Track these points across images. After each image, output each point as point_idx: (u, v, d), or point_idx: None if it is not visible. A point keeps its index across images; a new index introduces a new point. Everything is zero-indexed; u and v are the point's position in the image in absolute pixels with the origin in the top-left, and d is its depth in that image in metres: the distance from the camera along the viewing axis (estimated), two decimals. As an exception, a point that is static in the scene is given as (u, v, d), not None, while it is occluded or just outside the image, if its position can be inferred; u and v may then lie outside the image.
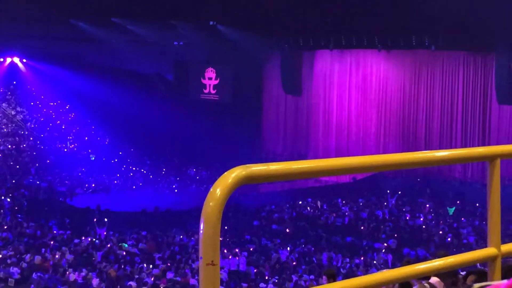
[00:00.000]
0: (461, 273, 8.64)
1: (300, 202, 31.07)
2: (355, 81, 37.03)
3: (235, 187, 2.03)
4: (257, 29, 36.34)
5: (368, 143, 36.53)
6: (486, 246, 2.87)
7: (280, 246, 24.71)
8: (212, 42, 39.03)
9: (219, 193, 2.00)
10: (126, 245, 23.89)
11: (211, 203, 1.99)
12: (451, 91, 33.78)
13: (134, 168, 38.36)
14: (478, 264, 6.72)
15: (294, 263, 22.74)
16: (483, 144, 31.75)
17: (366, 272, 20.71)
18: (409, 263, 9.14)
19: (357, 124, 37.08)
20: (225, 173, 2.06)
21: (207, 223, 2.00)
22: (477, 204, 28.39)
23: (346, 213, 29.25)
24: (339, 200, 31.20)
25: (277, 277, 21.10)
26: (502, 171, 2.88)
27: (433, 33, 32.16)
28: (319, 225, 27.84)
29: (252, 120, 40.16)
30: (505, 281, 1.76)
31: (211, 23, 38.01)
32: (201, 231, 1.99)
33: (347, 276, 19.42)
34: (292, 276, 21.01)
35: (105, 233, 25.40)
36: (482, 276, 5.35)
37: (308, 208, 30.34)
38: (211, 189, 2.01)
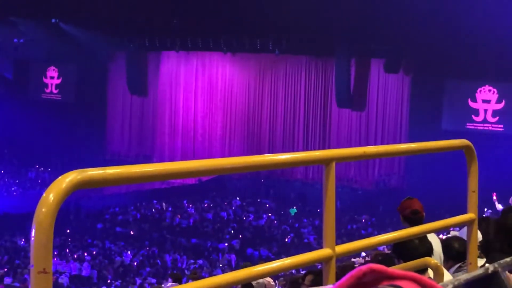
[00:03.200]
0: (301, 272, 8.88)
1: (145, 204, 30.84)
2: (201, 83, 37.23)
3: (70, 192, 1.97)
4: (102, 28, 35.66)
5: (214, 145, 36.83)
6: (324, 246, 2.94)
7: (124, 249, 24.40)
8: (54, 40, 37.85)
9: (52, 199, 1.93)
10: (-40, 251, 22.76)
11: (43, 209, 1.92)
12: (294, 94, 34.72)
13: (-31, 170, 36.63)
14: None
15: (138, 265, 22.53)
16: (324, 147, 32.82)
17: (211, 273, 20.85)
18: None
19: (203, 126, 37.29)
20: (59, 177, 1.99)
21: (38, 230, 1.92)
22: (318, 205, 29.29)
23: (191, 215, 29.34)
24: (185, 202, 31.25)
25: (120, 281, 20.82)
26: (341, 173, 2.97)
27: (277, 37, 32.93)
28: (164, 227, 27.74)
29: (96, 120, 39.33)
30: (330, 286, 1.82)
31: (53, 20, 36.86)
32: (32, 238, 1.92)
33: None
34: (136, 279, 20.80)
35: None
36: (319, 275, 5.51)
37: (153, 210, 30.17)
38: (44, 194, 1.94)
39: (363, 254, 12.41)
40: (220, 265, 22.57)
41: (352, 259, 10.09)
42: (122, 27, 35.00)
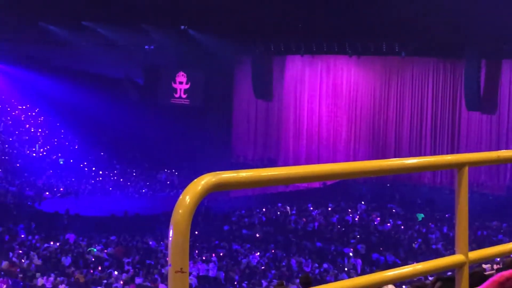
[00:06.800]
0: (429, 278, 8.69)
1: (270, 207, 31.09)
2: (326, 87, 37.16)
3: (205, 194, 2.03)
4: (228, 34, 36.33)
5: (338, 148, 36.66)
6: (454, 252, 2.88)
7: (250, 251, 24.69)
8: (183, 47, 38.94)
9: (188, 201, 1.99)
10: (95, 250, 23.72)
11: (180, 211, 1.99)
12: (421, 97, 34.04)
13: (103, 172, 38.11)
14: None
15: (263, 268, 22.74)
16: (452, 151, 32.03)
17: (336, 277, 20.78)
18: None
19: (327, 130, 37.19)
20: (195, 180, 2.05)
21: (176, 231, 1.99)
22: (446, 210, 28.62)
23: (316, 218, 29.32)
24: (309, 205, 31.27)
25: (246, 282, 21.09)
26: (470, 177, 2.89)
27: (403, 39, 32.43)
28: (289, 230, 27.87)
29: (223, 124, 40.12)
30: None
31: (182, 27, 37.94)
32: (170, 239, 1.99)
33: (315, 281, 19.46)
34: (262, 281, 21.01)
35: (74, 238, 25.20)
36: (449, 282, 5.38)
37: (278, 213, 30.37)
38: (181, 197, 2.01)
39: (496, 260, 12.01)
40: (346, 269, 22.44)
41: (483, 265, 9.79)
42: (248, 33, 35.52)
